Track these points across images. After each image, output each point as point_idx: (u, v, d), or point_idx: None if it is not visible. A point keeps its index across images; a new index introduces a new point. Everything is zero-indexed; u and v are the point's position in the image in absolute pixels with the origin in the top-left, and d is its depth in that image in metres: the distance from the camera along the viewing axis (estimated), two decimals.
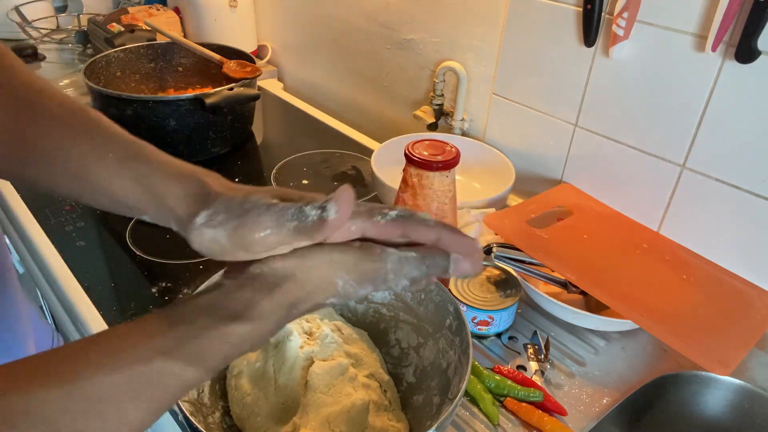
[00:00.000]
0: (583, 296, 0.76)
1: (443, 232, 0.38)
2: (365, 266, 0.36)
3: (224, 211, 0.36)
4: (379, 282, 0.37)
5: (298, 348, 0.57)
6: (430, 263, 0.37)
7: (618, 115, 0.82)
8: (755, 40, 0.64)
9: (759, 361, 0.70)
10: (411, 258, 0.37)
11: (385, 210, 0.38)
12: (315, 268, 0.36)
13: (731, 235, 0.75)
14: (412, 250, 0.37)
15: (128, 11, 1.47)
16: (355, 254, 0.36)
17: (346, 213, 0.36)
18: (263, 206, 0.36)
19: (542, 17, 0.86)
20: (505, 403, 0.63)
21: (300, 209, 0.36)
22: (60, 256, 0.81)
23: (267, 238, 0.35)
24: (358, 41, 1.25)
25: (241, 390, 0.55)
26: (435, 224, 0.38)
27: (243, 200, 0.37)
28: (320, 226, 0.35)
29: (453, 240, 0.38)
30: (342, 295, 0.37)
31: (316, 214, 0.35)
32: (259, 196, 0.37)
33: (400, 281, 0.37)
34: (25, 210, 0.90)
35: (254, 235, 0.35)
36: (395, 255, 0.37)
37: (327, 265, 0.36)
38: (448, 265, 0.38)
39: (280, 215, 0.36)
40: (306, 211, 0.35)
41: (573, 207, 0.85)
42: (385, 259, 0.36)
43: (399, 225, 0.38)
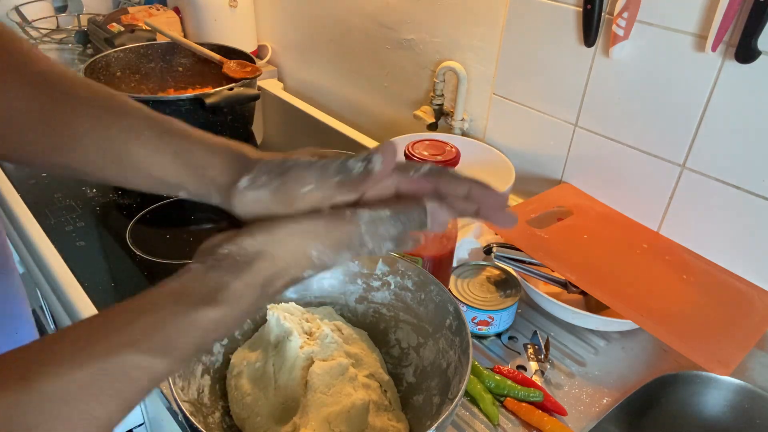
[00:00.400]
0: (583, 296, 0.76)
1: (474, 186, 0.38)
2: (338, 231, 0.35)
3: (266, 173, 0.36)
4: (357, 246, 0.36)
5: (298, 348, 0.57)
6: (405, 218, 0.36)
7: (618, 115, 0.82)
8: (755, 40, 0.64)
9: (759, 361, 0.70)
10: (384, 216, 0.36)
11: (419, 165, 0.38)
12: (285, 241, 0.35)
13: (731, 235, 0.75)
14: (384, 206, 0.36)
15: (128, 11, 1.47)
16: (326, 220, 0.35)
17: (390, 164, 0.36)
18: (304, 163, 0.36)
19: (542, 17, 0.86)
20: (505, 403, 0.63)
21: (343, 163, 0.36)
22: (60, 256, 0.81)
23: (311, 194, 0.35)
24: (358, 41, 1.25)
25: (241, 390, 0.55)
26: (466, 178, 0.38)
27: (283, 160, 0.37)
28: (365, 178, 0.35)
29: (483, 193, 0.38)
30: (319, 265, 0.36)
31: (360, 167, 0.35)
32: (299, 155, 0.37)
33: (382, 243, 0.36)
34: (25, 210, 0.90)
35: (298, 190, 0.35)
36: (366, 215, 0.36)
37: (298, 236, 0.35)
38: (425, 217, 0.36)
39: (323, 170, 0.36)
40: (350, 164, 0.35)
41: (573, 207, 0.85)
42: (357, 221, 0.35)
43: (431, 178, 0.37)
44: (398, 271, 0.63)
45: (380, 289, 0.64)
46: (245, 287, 0.34)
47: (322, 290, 0.66)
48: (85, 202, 0.94)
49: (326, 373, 0.55)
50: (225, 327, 0.34)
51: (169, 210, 0.94)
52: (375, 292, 0.65)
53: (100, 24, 1.42)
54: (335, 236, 0.35)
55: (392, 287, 0.63)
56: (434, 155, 0.63)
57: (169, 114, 1.11)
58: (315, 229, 0.35)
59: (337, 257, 0.36)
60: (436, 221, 0.37)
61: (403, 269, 0.62)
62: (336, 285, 0.66)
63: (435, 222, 0.37)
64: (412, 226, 0.36)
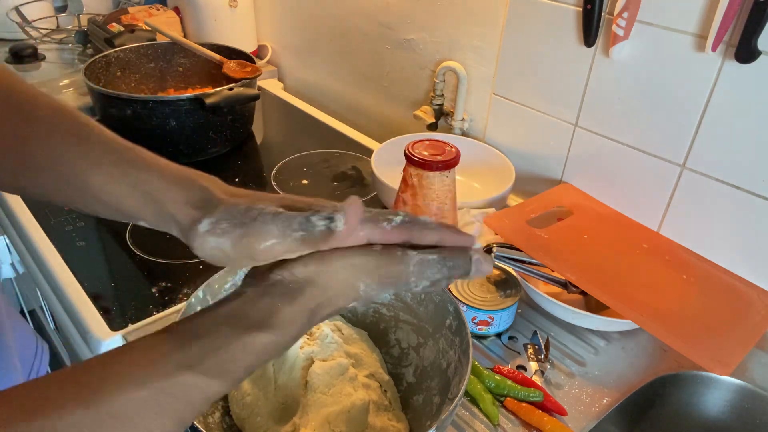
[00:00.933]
0: (583, 296, 0.76)
1: (445, 233, 0.38)
2: (387, 270, 0.36)
3: (228, 219, 0.36)
4: (402, 285, 0.37)
5: (298, 348, 0.57)
6: (452, 265, 0.37)
7: (618, 115, 0.82)
8: (755, 40, 0.64)
9: (759, 361, 0.70)
10: (432, 260, 0.37)
11: (390, 215, 0.38)
12: (336, 272, 0.36)
13: (731, 235, 0.75)
14: (432, 251, 0.37)
15: (128, 11, 1.47)
16: (377, 258, 0.36)
17: (353, 225, 0.36)
18: (269, 215, 0.36)
19: (542, 17, 0.86)
20: (505, 403, 0.63)
21: (307, 219, 0.35)
22: (60, 256, 0.81)
23: (273, 248, 0.35)
24: (358, 41, 1.25)
25: (241, 390, 0.55)
26: (437, 226, 0.38)
27: (247, 208, 0.36)
28: (327, 237, 0.35)
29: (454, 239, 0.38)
30: (364, 298, 0.37)
31: (324, 225, 0.35)
32: (265, 204, 0.37)
33: (422, 283, 0.37)
34: (25, 210, 0.90)
35: (260, 244, 0.35)
36: (417, 257, 0.36)
37: (348, 269, 0.36)
38: (469, 266, 0.38)
39: (286, 225, 0.35)
40: (313, 221, 0.35)
41: (573, 207, 0.85)
42: (407, 261, 0.36)
43: (404, 230, 0.38)
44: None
45: None
46: (296, 313, 0.35)
47: None
48: None
49: (326, 373, 0.55)
50: (275, 350, 0.35)
51: None
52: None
53: (100, 24, 1.42)
54: (384, 274, 0.36)
55: None
56: (434, 155, 0.63)
57: (169, 114, 1.10)
58: (365, 265, 0.36)
59: (381, 292, 0.37)
60: (479, 270, 0.38)
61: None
62: None
63: (478, 271, 0.38)
64: (456, 272, 0.37)
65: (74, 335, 0.79)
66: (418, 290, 0.38)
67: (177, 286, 0.77)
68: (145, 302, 0.74)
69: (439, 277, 0.37)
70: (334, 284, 0.36)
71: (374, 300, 0.37)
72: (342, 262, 0.36)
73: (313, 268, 0.35)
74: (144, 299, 0.75)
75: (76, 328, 0.77)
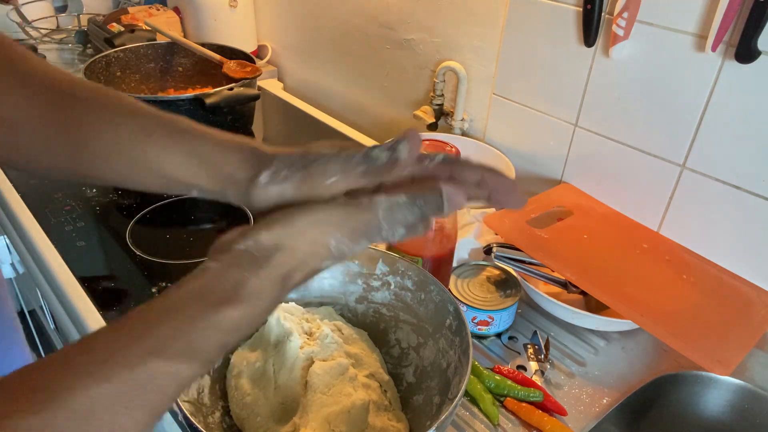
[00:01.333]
0: (583, 296, 0.76)
1: (485, 172, 0.38)
2: (355, 220, 0.35)
3: (287, 167, 0.36)
4: (374, 234, 0.35)
5: (298, 348, 0.57)
6: (422, 203, 0.35)
7: (618, 115, 0.82)
8: (755, 40, 0.64)
9: (759, 361, 0.70)
10: (402, 202, 0.35)
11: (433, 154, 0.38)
12: (303, 233, 0.34)
13: (731, 235, 0.75)
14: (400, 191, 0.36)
15: (128, 11, 1.47)
16: (343, 209, 0.35)
17: (415, 152, 0.36)
18: (327, 155, 0.36)
19: (542, 17, 0.86)
20: (505, 403, 0.63)
21: (367, 153, 0.36)
22: (60, 256, 0.81)
23: (336, 184, 0.35)
24: (358, 41, 1.25)
25: (241, 390, 0.55)
26: (477, 165, 0.38)
27: (303, 154, 0.37)
28: (390, 167, 0.35)
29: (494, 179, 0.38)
30: (337, 255, 0.35)
31: (386, 156, 0.35)
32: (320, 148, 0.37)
33: (396, 230, 0.35)
34: (25, 210, 0.90)
35: (323, 182, 0.35)
36: (384, 201, 0.35)
37: (315, 227, 0.34)
38: (441, 202, 0.36)
39: (346, 161, 0.35)
40: (374, 154, 0.35)
41: (573, 207, 0.85)
42: (375, 208, 0.35)
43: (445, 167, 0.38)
44: (398, 271, 0.63)
45: (380, 289, 0.64)
46: (265, 283, 0.33)
47: (322, 290, 0.66)
48: (85, 202, 0.94)
49: (326, 373, 0.55)
50: (248, 325, 0.33)
51: (169, 210, 0.94)
52: (375, 292, 0.65)
53: (100, 24, 1.42)
54: (353, 224, 0.35)
55: (392, 287, 0.63)
56: None
57: None
58: (332, 219, 0.34)
59: (355, 245, 0.35)
60: (452, 204, 0.36)
61: (403, 269, 0.62)
62: (336, 285, 0.66)
63: (451, 205, 0.36)
64: (428, 210, 0.36)
65: (74, 335, 0.79)
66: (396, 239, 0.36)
67: None
68: (145, 302, 0.74)
69: (412, 219, 0.35)
70: (303, 246, 0.34)
71: (348, 255, 0.36)
72: (307, 220, 0.34)
73: (278, 233, 0.34)
74: (144, 299, 0.74)
75: (76, 328, 0.77)
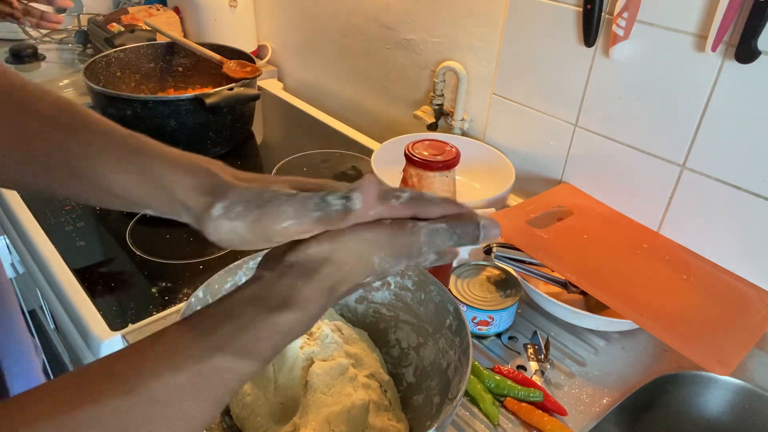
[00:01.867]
0: (583, 296, 0.76)
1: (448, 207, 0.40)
2: (399, 242, 0.37)
3: (241, 203, 0.36)
4: (414, 255, 0.38)
5: (298, 348, 0.57)
6: (461, 232, 0.38)
7: (618, 115, 0.82)
8: (755, 40, 0.64)
9: (759, 361, 0.70)
10: (441, 229, 0.38)
11: (398, 193, 0.39)
12: (350, 249, 0.36)
13: (731, 235, 0.75)
14: (441, 221, 0.38)
15: (128, 11, 1.47)
16: (389, 231, 0.37)
17: (371, 202, 0.36)
18: (283, 196, 0.36)
19: (542, 17, 0.86)
20: (505, 403, 0.63)
21: (323, 199, 0.36)
22: (60, 256, 0.81)
23: (289, 228, 0.36)
24: (358, 41, 1.25)
25: (240, 390, 0.55)
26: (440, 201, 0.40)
27: (260, 191, 0.37)
28: (344, 216, 0.36)
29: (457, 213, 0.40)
30: (379, 272, 0.37)
31: (340, 204, 0.36)
32: (278, 186, 0.37)
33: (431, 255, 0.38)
34: (25, 210, 0.90)
35: (276, 225, 0.36)
36: (426, 228, 0.38)
37: (362, 244, 0.37)
38: (478, 231, 0.38)
39: (302, 205, 0.36)
40: (329, 200, 0.36)
41: (573, 207, 0.85)
42: (418, 232, 0.37)
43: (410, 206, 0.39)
44: (398, 271, 0.63)
45: (380, 289, 0.64)
46: (315, 291, 0.35)
47: None
48: None
49: (326, 373, 0.55)
50: (300, 328, 0.35)
51: None
52: (375, 292, 0.65)
53: (100, 24, 1.42)
54: (396, 246, 0.37)
55: (392, 287, 0.63)
56: (434, 155, 0.63)
57: (169, 114, 1.10)
58: (378, 239, 0.37)
59: (396, 264, 0.38)
60: (488, 235, 0.39)
61: (403, 269, 0.62)
62: None
63: (487, 236, 0.39)
64: (465, 240, 0.38)
65: (74, 335, 0.79)
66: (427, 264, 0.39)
67: (177, 286, 0.77)
68: (145, 302, 0.74)
69: (450, 244, 0.38)
70: (349, 260, 0.36)
71: (389, 273, 0.38)
72: (355, 238, 0.36)
73: (327, 247, 0.36)
74: (144, 299, 0.75)
75: (76, 328, 0.77)
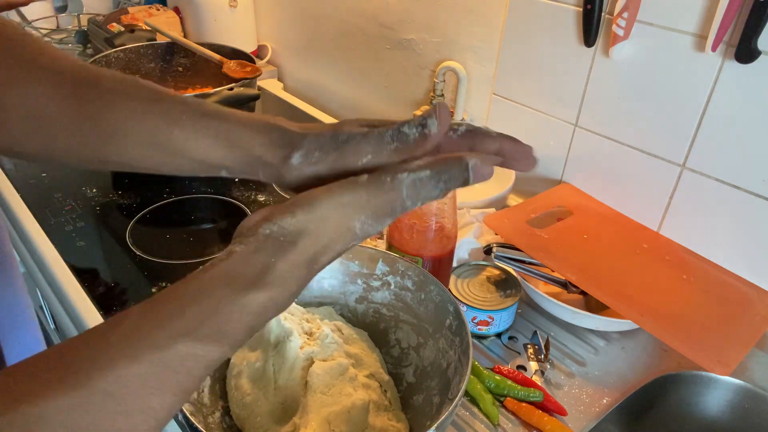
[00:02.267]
0: (583, 296, 0.76)
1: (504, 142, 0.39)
2: (379, 200, 0.35)
3: (318, 149, 0.37)
4: (398, 211, 0.35)
5: (298, 348, 0.57)
6: (448, 178, 0.35)
7: (618, 115, 0.82)
8: (755, 40, 0.64)
9: (759, 361, 0.70)
10: (425, 178, 0.35)
11: (455, 125, 0.39)
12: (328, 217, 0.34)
13: (731, 235, 0.75)
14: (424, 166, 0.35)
15: (128, 11, 1.47)
16: (366, 190, 0.35)
17: (445, 126, 0.36)
18: (358, 135, 0.37)
19: (542, 17, 0.86)
20: (505, 403, 0.63)
21: (398, 131, 0.36)
22: (60, 256, 0.81)
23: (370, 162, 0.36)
24: (358, 41, 1.25)
25: (240, 390, 0.55)
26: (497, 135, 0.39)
27: (334, 134, 0.38)
28: (422, 142, 0.36)
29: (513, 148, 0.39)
30: (362, 236, 0.35)
31: (416, 132, 0.36)
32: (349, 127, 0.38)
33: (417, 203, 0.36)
34: (25, 210, 0.90)
35: (357, 163, 0.36)
36: (408, 179, 0.35)
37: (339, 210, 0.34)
38: (467, 173, 0.36)
39: (379, 140, 0.36)
40: (405, 130, 0.36)
41: (573, 207, 0.85)
42: (399, 186, 0.35)
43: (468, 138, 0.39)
44: (398, 271, 0.63)
45: (380, 289, 0.64)
46: (291, 267, 0.33)
47: (322, 290, 0.66)
48: (85, 202, 0.94)
49: (326, 373, 0.55)
50: (275, 308, 0.33)
51: (169, 210, 0.94)
52: (375, 292, 0.65)
53: (100, 24, 1.42)
54: (377, 205, 0.35)
55: (392, 287, 0.63)
56: None
57: None
58: (356, 201, 0.34)
59: (379, 225, 0.35)
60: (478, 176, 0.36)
61: (403, 269, 0.62)
62: (336, 285, 0.66)
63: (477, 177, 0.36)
64: (454, 184, 0.35)
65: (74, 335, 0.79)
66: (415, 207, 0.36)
67: None
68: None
69: (436, 193, 0.35)
70: (328, 230, 0.34)
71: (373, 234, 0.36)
72: (331, 204, 0.34)
73: (302, 217, 0.34)
74: (144, 299, 0.75)
75: (76, 328, 0.77)
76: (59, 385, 0.27)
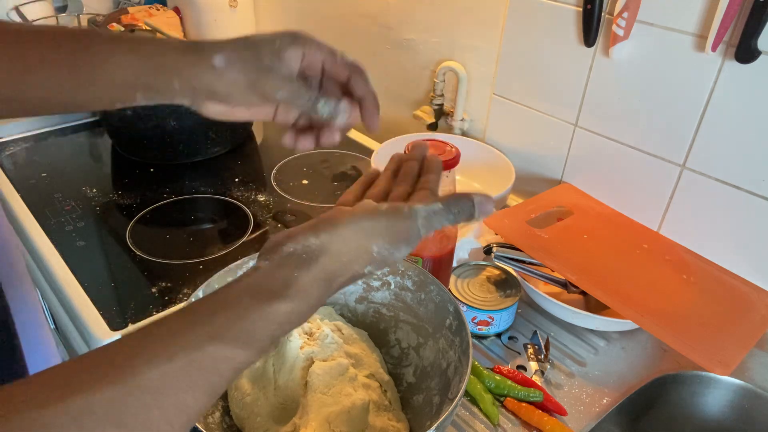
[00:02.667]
0: (583, 296, 0.76)
1: (368, 95, 0.51)
2: (397, 227, 0.38)
3: (238, 58, 0.44)
4: (413, 240, 0.39)
5: (298, 348, 0.57)
6: (457, 211, 0.40)
7: (618, 115, 0.82)
8: (755, 40, 0.64)
9: (759, 361, 0.70)
10: (438, 210, 0.39)
11: (344, 55, 0.50)
12: (348, 239, 0.37)
13: (731, 235, 0.75)
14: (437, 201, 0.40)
15: (128, 11, 1.47)
16: (385, 218, 0.38)
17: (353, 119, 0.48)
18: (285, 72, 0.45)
19: (542, 17, 0.86)
20: (505, 403, 0.63)
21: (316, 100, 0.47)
22: (60, 256, 0.81)
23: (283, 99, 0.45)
24: (358, 41, 1.25)
25: (240, 390, 0.55)
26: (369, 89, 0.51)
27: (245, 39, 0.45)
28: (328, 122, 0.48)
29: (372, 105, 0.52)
30: (378, 260, 0.38)
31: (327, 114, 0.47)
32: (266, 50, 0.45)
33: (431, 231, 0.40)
34: (25, 210, 0.90)
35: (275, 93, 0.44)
36: (423, 210, 0.39)
37: (359, 234, 0.37)
38: (473, 209, 0.40)
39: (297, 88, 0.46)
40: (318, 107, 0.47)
41: (573, 207, 0.85)
42: (415, 216, 0.39)
43: (349, 71, 0.50)
44: (398, 271, 0.63)
45: (380, 289, 0.64)
46: (312, 282, 0.36)
47: None
48: (85, 202, 0.94)
49: (326, 373, 0.55)
50: (297, 319, 0.36)
51: (169, 210, 0.94)
52: (375, 292, 0.65)
53: (100, 24, 1.42)
54: (394, 232, 0.38)
55: (392, 287, 0.63)
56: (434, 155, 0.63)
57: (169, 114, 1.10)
58: (375, 227, 0.38)
59: (395, 252, 0.38)
60: (482, 212, 0.41)
61: (403, 269, 0.62)
62: None
63: (481, 213, 0.41)
64: (461, 217, 0.40)
65: (74, 335, 0.79)
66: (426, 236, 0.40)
67: (177, 286, 0.77)
68: (145, 302, 0.74)
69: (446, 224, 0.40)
70: (347, 251, 0.37)
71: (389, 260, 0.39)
72: (352, 228, 0.37)
73: (324, 238, 0.37)
74: (144, 299, 0.75)
75: (76, 328, 0.77)
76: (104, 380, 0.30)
